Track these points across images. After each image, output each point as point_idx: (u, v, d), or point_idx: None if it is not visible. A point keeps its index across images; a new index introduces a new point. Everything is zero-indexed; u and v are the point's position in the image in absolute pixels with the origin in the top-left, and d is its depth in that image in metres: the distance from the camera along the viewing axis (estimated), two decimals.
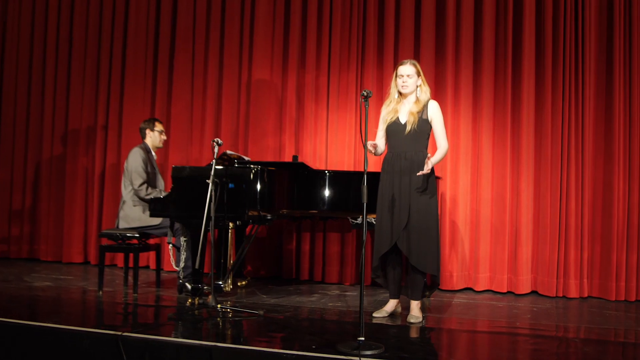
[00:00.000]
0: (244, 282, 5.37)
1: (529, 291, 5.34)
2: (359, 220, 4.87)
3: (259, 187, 4.43)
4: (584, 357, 3.34)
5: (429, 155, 3.95)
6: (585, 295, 5.21)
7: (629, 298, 5.10)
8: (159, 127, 5.29)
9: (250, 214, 4.42)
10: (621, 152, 5.16)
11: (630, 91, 5.18)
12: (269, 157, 5.93)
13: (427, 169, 3.86)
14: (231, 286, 4.95)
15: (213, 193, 4.14)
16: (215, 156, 4.24)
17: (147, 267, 6.29)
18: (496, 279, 5.41)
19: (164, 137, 5.34)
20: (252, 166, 4.44)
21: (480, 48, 5.53)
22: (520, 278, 5.29)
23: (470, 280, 5.49)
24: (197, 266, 4.14)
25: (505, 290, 5.37)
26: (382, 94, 5.74)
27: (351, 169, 5.71)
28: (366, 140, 3.57)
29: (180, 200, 4.48)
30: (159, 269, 5.32)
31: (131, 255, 5.01)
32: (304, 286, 5.55)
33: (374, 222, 4.24)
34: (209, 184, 4.15)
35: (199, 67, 6.30)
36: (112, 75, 6.59)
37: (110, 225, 6.42)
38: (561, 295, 5.22)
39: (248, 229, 5.36)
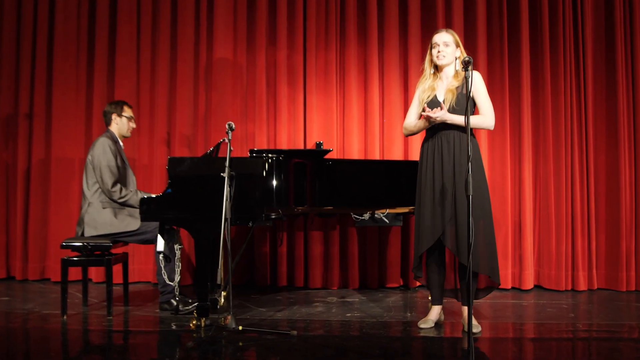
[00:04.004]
0: (224, 293, 4.55)
1: (533, 286, 4.97)
2: (366, 216, 4.25)
3: (275, 181, 3.68)
4: None
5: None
6: (595, 287, 4.91)
7: (639, 288, 4.86)
8: (128, 112, 4.37)
9: (267, 213, 3.66)
10: (626, 134, 4.90)
11: (633, 69, 4.93)
12: (235, 147, 5.13)
13: (439, 114, 3.37)
14: (222, 299, 4.16)
15: (229, 189, 3.35)
16: (229, 145, 3.45)
17: (90, 279, 5.27)
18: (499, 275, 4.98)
19: (133, 124, 4.43)
20: (267, 155, 3.67)
21: (474, 23, 5.07)
22: (525, 272, 4.90)
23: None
24: (218, 280, 3.31)
25: (509, 287, 4.96)
26: (364, 75, 5.17)
27: (334, 157, 5.06)
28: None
29: (181, 199, 3.61)
30: (126, 282, 4.40)
31: (91, 269, 4.08)
32: (290, 293, 4.84)
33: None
34: (224, 177, 3.36)
35: (145, 43, 5.36)
36: (37, 52, 5.46)
37: (41, 233, 5.38)
38: (570, 288, 4.89)
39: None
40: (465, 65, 3.03)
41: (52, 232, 5.33)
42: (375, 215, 4.35)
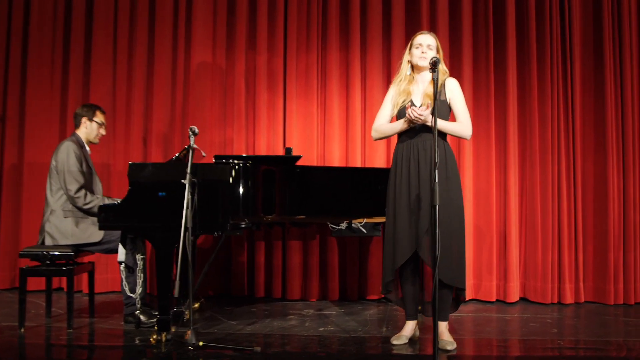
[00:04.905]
0: (196, 305, 4.39)
1: (519, 298, 4.80)
2: (343, 225, 4.08)
3: (242, 189, 3.51)
4: None
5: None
6: (582, 300, 4.74)
7: (628, 301, 4.68)
8: (100, 117, 4.22)
9: (232, 222, 3.50)
10: (614, 142, 4.74)
11: (621, 74, 4.78)
12: (213, 153, 4.95)
13: (424, 114, 3.22)
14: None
15: (190, 197, 3.20)
16: (190, 149, 3.29)
17: (60, 289, 5.12)
18: (483, 287, 4.82)
19: (103, 131, 4.27)
20: (234, 162, 3.51)
21: (459, 27, 4.93)
22: (510, 285, 4.73)
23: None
24: (175, 293, 3.15)
25: (494, 299, 4.78)
26: (346, 80, 5.01)
27: (315, 164, 4.91)
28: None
29: (141, 207, 3.44)
30: (92, 292, 4.24)
31: (53, 279, 3.92)
32: (266, 305, 4.67)
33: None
34: (184, 184, 3.20)
35: (122, 45, 5.22)
36: (11, 53, 5.30)
37: (13, 240, 5.22)
38: (556, 301, 4.71)
39: (199, 241, 4.40)
40: (433, 65, 2.90)
41: (24, 239, 5.16)
42: (353, 225, 4.19)
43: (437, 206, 2.78)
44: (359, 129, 4.95)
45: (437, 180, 2.80)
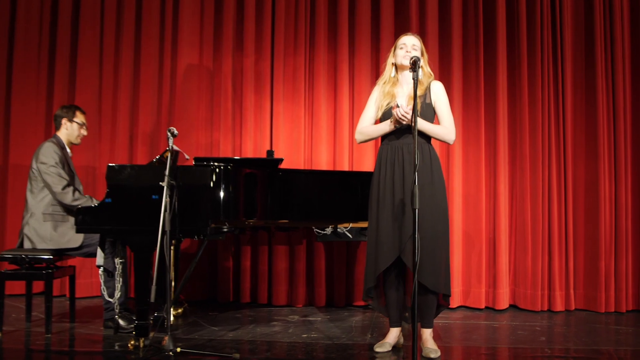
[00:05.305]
0: (180, 310, 4.31)
1: (509, 305, 4.72)
2: (328, 230, 4.01)
3: (223, 192, 3.44)
4: None
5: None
6: (572, 307, 4.65)
7: (619, 309, 4.59)
8: (80, 118, 4.15)
9: (213, 226, 3.42)
10: (606, 147, 4.67)
11: (613, 78, 4.71)
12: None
13: (407, 113, 3.13)
14: (172, 317, 3.92)
15: (169, 200, 3.12)
16: (170, 151, 3.22)
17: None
18: (472, 294, 4.74)
19: (84, 131, 4.20)
20: (214, 164, 3.43)
21: (448, 30, 4.86)
22: (500, 291, 4.65)
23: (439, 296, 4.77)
24: (151, 298, 3.07)
25: (483, 306, 4.70)
26: (334, 82, 4.95)
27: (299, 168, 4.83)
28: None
29: (119, 210, 3.35)
30: (72, 296, 4.15)
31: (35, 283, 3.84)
32: (251, 311, 4.59)
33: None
34: (162, 187, 3.13)
35: (109, 48, 5.15)
36: None
37: None
38: (546, 309, 4.63)
39: (182, 246, 4.32)
40: (413, 65, 2.84)
41: (8, 241, 5.10)
42: (338, 230, 4.12)
43: (416, 210, 2.71)
44: (347, 132, 4.87)
45: (416, 183, 2.73)
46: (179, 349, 3.16)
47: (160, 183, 3.18)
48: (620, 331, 4.03)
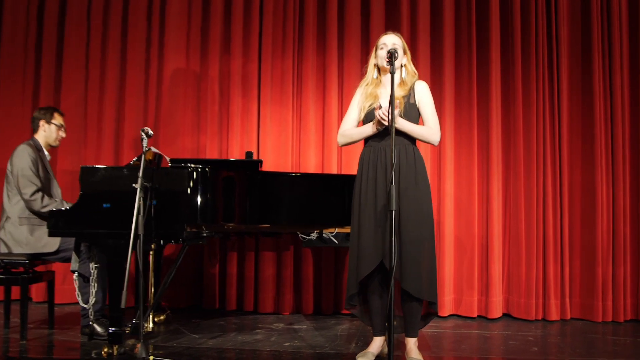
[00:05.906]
0: (162, 317, 4.19)
1: (502, 314, 4.57)
2: (313, 235, 3.88)
3: (200, 194, 3.32)
4: None
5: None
6: (568, 317, 4.49)
7: (617, 319, 4.43)
8: (58, 119, 4.06)
9: (189, 230, 3.31)
10: (603, 150, 4.52)
11: (611, 80, 4.57)
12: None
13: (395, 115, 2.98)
14: (151, 324, 3.82)
15: (142, 202, 3.01)
16: (144, 152, 3.12)
17: (30, 299, 4.92)
18: (463, 302, 4.59)
19: (62, 133, 4.10)
20: (192, 166, 3.32)
21: (440, 31, 4.74)
22: (493, 300, 4.50)
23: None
24: (122, 304, 2.96)
25: (475, 315, 4.55)
26: (323, 85, 4.84)
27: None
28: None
29: (92, 213, 3.25)
30: (52, 302, 4.03)
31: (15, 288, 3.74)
32: (236, 318, 4.46)
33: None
34: (136, 189, 3.02)
35: (95, 52, 5.07)
36: None
37: None
38: (541, 318, 4.48)
39: (166, 252, 4.20)
40: (390, 58, 2.72)
41: None
42: (324, 235, 3.99)
43: (393, 211, 2.59)
44: (336, 136, 4.73)
45: (393, 184, 2.61)
46: (151, 357, 3.06)
47: (134, 185, 3.07)
48: (617, 342, 3.87)
